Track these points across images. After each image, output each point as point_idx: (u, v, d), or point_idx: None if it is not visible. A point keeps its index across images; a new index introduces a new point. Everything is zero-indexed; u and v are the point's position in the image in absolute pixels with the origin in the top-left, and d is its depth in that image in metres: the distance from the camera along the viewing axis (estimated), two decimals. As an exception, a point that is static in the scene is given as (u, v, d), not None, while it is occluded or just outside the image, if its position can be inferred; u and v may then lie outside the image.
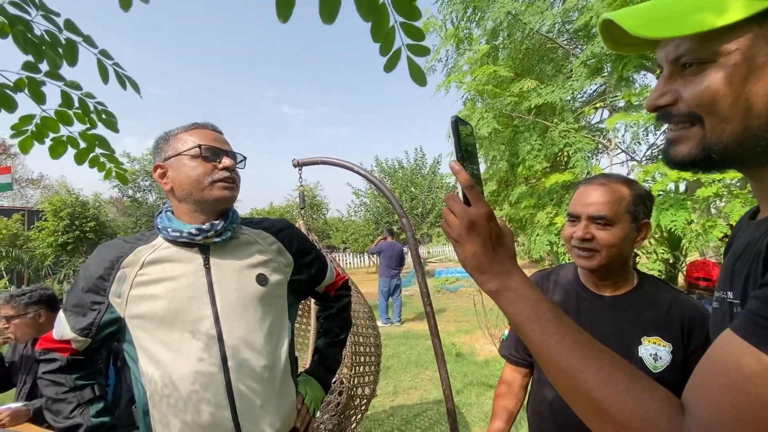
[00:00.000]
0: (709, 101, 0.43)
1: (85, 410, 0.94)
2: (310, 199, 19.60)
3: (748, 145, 0.42)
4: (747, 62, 0.40)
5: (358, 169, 2.25)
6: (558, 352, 0.43)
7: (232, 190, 0.99)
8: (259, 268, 1.02)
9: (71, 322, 0.95)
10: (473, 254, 0.50)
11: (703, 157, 0.45)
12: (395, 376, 4.23)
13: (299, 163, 2.36)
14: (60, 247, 12.99)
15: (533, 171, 2.73)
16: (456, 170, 0.50)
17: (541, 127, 2.69)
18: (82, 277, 0.96)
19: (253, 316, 0.97)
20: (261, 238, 1.07)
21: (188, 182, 0.95)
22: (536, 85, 2.54)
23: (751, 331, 0.33)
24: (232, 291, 0.97)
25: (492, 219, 0.50)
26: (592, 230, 0.95)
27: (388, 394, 3.80)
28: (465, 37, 3.55)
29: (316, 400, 1.13)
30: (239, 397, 0.92)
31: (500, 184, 3.32)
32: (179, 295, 0.93)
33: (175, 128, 1.02)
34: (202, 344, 0.92)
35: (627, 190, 0.96)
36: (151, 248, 0.97)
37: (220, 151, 0.98)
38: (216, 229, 0.97)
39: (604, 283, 1.02)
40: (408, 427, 3.13)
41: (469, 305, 5.40)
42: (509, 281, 0.49)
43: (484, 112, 2.57)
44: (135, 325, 0.93)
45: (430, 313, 1.88)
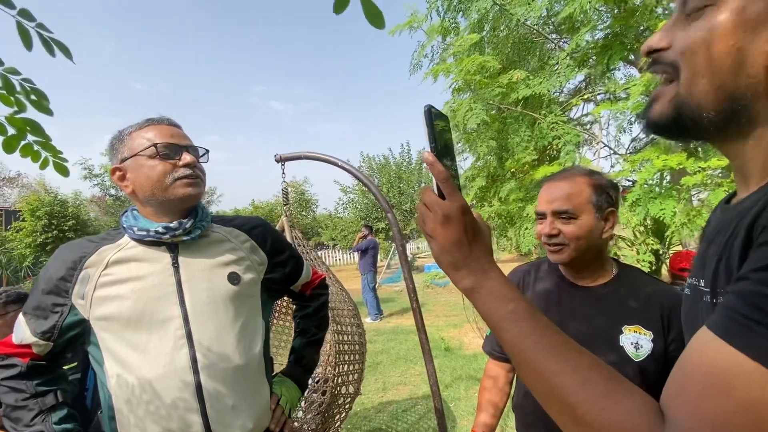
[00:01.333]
0: (693, 49, 0.39)
1: (47, 417, 0.90)
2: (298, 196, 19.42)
3: (722, 108, 0.38)
4: (742, 9, 0.36)
5: (342, 164, 2.19)
6: (534, 353, 0.41)
7: (196, 187, 0.95)
8: (231, 267, 0.99)
9: (31, 326, 0.90)
10: (448, 250, 0.47)
11: (674, 117, 0.41)
12: (384, 372, 4.21)
13: (282, 158, 2.28)
14: (39, 248, 12.63)
15: (522, 164, 2.71)
16: (430, 162, 0.47)
17: (529, 119, 2.66)
18: (42, 279, 0.92)
19: (224, 315, 0.95)
20: (233, 236, 1.04)
21: (149, 183, 0.92)
22: (526, 76, 2.51)
23: (730, 329, 0.30)
24: (202, 290, 0.94)
25: (467, 213, 0.47)
26: (557, 225, 0.97)
27: (377, 390, 3.78)
28: (452, 29, 3.51)
29: (292, 400, 1.11)
30: (209, 398, 0.89)
31: (489, 180, 3.30)
32: (146, 295, 0.90)
33: (129, 126, 0.96)
34: (170, 345, 0.89)
35: (588, 182, 0.97)
36: (117, 248, 0.94)
37: (179, 147, 0.94)
38: (184, 228, 0.94)
39: (582, 275, 1.03)
40: (396, 422, 3.12)
41: (458, 300, 5.42)
42: (485, 278, 0.46)
43: (472, 103, 2.53)
44: (100, 326, 0.90)
45: (417, 309, 1.85)
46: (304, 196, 20.30)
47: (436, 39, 3.52)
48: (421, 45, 3.69)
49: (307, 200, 20.42)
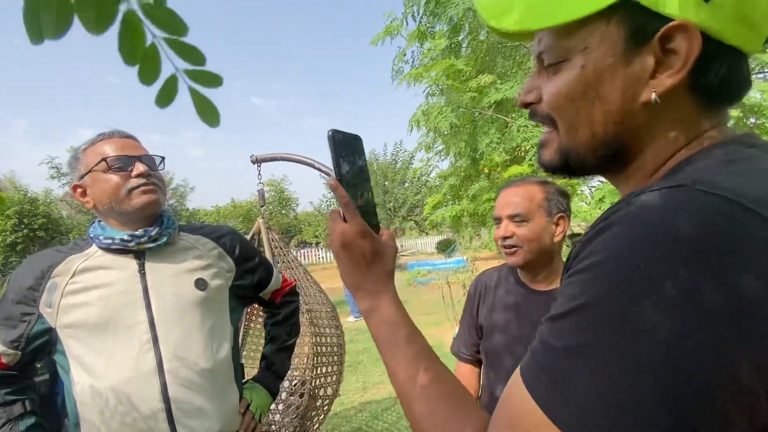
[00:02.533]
0: (560, 105, 0.40)
1: (14, 426, 0.91)
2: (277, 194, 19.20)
3: (600, 154, 0.40)
4: (595, 62, 0.37)
5: (319, 166, 2.20)
6: (399, 378, 0.45)
7: (152, 194, 0.97)
8: (197, 273, 1.01)
9: (1, 335, 0.92)
10: (348, 272, 0.50)
11: (563, 164, 0.43)
12: (365, 372, 4.25)
13: (257, 159, 2.28)
14: (8, 248, 12.14)
15: (494, 164, 2.78)
16: (333, 187, 0.49)
17: (500, 122, 2.73)
18: (11, 288, 0.94)
19: (191, 320, 0.97)
20: (200, 244, 1.07)
21: (106, 196, 0.94)
22: (494, 80, 2.58)
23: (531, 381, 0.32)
24: (168, 296, 0.96)
25: (366, 237, 0.49)
26: (511, 228, 1.04)
27: (358, 389, 3.81)
28: (428, 34, 3.55)
29: (262, 406, 1.13)
30: (175, 401, 0.91)
31: (463, 180, 3.37)
32: (113, 302, 0.92)
33: (83, 143, 1.00)
34: (136, 350, 0.91)
35: (539, 189, 1.05)
36: (84, 257, 0.96)
37: (131, 158, 0.96)
38: (150, 235, 0.96)
39: (537, 279, 1.09)
40: (376, 422, 3.16)
41: (439, 298, 5.49)
42: (378, 302, 0.49)
43: (443, 107, 2.58)
44: (66, 334, 0.91)
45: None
46: (283, 195, 20.08)
47: (415, 44, 3.56)
48: (401, 51, 3.72)
49: (286, 198, 20.20)
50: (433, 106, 2.80)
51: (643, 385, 0.26)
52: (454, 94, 2.78)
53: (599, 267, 0.30)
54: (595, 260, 0.30)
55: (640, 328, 0.26)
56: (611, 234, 0.31)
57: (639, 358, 0.26)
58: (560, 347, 0.30)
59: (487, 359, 1.15)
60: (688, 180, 0.31)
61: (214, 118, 0.45)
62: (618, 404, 0.26)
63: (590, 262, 0.31)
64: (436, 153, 3.52)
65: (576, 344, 0.29)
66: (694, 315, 0.26)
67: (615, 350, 0.27)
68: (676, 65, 0.35)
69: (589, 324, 0.29)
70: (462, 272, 5.55)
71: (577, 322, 0.29)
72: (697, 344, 0.25)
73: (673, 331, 0.26)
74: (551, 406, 0.29)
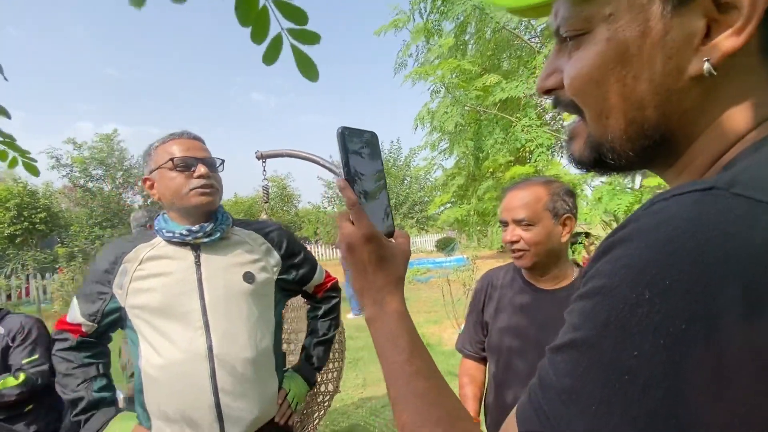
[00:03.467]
0: (583, 89, 0.33)
1: (89, 385, 1.05)
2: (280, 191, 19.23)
3: (639, 145, 0.33)
4: (623, 31, 0.30)
5: (324, 163, 2.20)
6: (394, 390, 0.42)
7: (210, 195, 1.06)
8: (246, 267, 1.10)
9: (81, 308, 1.06)
10: (354, 276, 0.47)
11: (595, 158, 0.36)
12: (365, 368, 4.26)
13: (262, 155, 2.28)
14: (7, 240, 12.12)
15: (498, 164, 2.79)
16: (341, 187, 0.46)
17: (505, 122, 2.74)
18: (91, 270, 1.10)
19: (238, 310, 1.06)
20: (251, 239, 1.16)
21: (169, 193, 1.05)
22: (499, 80, 2.58)
23: (520, 406, 0.30)
24: (219, 287, 1.05)
25: (371, 241, 0.45)
26: (518, 232, 1.03)
27: (357, 386, 3.82)
28: (435, 30, 3.54)
29: (299, 396, 1.21)
30: (222, 383, 1.00)
31: (468, 179, 3.37)
32: (172, 289, 1.02)
33: (155, 141, 1.10)
34: (190, 334, 1.00)
35: (544, 191, 1.03)
36: (150, 246, 1.07)
37: (194, 160, 1.05)
38: (205, 231, 1.06)
39: (543, 278, 1.09)
40: (375, 418, 3.17)
41: (439, 296, 5.50)
42: (380, 311, 0.45)
43: (449, 106, 2.58)
44: (134, 314, 1.03)
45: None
46: (285, 191, 20.09)
47: (421, 40, 3.56)
48: (406, 44, 3.71)
49: (289, 195, 20.22)
50: (438, 105, 2.79)
51: None
52: (459, 93, 2.78)
53: (598, 295, 0.26)
54: (596, 285, 0.26)
55: (641, 379, 0.22)
56: (618, 253, 0.26)
57: (642, 416, 0.22)
58: (556, 388, 0.27)
59: (492, 357, 1.16)
60: (722, 180, 0.24)
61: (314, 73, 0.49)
62: None
63: (591, 287, 0.27)
64: (441, 152, 3.52)
65: (571, 388, 0.25)
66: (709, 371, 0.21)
67: (608, 407, 0.23)
68: (736, 22, 0.27)
69: (584, 366, 0.25)
70: (462, 271, 5.56)
71: (574, 360, 0.26)
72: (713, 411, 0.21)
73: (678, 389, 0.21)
74: None
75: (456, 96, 2.75)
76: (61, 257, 11.97)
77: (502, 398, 1.09)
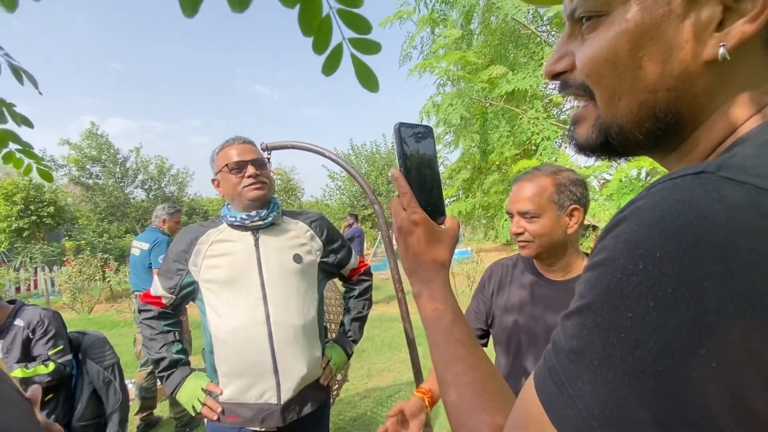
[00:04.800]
0: (598, 70, 0.34)
1: (169, 348, 1.28)
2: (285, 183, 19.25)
3: (647, 128, 0.34)
4: (642, 14, 0.31)
5: (329, 155, 2.19)
6: (437, 362, 0.47)
7: (260, 190, 1.27)
8: (295, 249, 1.31)
9: (162, 283, 1.28)
10: (403, 257, 0.52)
11: (602, 142, 0.37)
12: (369, 359, 4.30)
13: (267, 147, 2.28)
14: (15, 233, 12.24)
15: (504, 158, 2.77)
16: (395, 177, 0.51)
17: (511, 114, 2.72)
18: (170, 251, 1.31)
19: (290, 285, 1.27)
20: (298, 227, 1.37)
21: (229, 192, 1.28)
22: (505, 72, 2.55)
23: (537, 373, 0.32)
24: (275, 265, 1.26)
25: (420, 225, 0.50)
26: (523, 224, 1.04)
27: (362, 377, 3.86)
28: (440, 20, 3.50)
29: (339, 363, 1.43)
30: (277, 345, 1.21)
31: (474, 172, 3.36)
32: (236, 266, 1.24)
33: (216, 148, 1.33)
34: (251, 303, 1.22)
35: (550, 182, 1.02)
36: (218, 231, 1.29)
37: (245, 163, 1.26)
38: (260, 215, 1.27)
39: (553, 269, 1.09)
40: (381, 408, 3.21)
41: (442, 288, 5.53)
42: (426, 288, 0.51)
43: (454, 98, 2.56)
44: (205, 287, 1.24)
45: (402, 299, 1.89)
46: (290, 184, 20.11)
47: (426, 30, 3.52)
48: (410, 36, 3.67)
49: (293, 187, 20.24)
50: (443, 98, 2.77)
51: (632, 405, 0.25)
52: (465, 85, 2.75)
53: (601, 267, 0.28)
54: (600, 258, 0.29)
55: (635, 335, 0.25)
56: (619, 230, 0.28)
57: (636, 367, 0.25)
58: (565, 350, 0.29)
59: (500, 348, 1.16)
60: (713, 165, 0.27)
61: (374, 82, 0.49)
62: (615, 413, 0.25)
63: (597, 259, 0.29)
64: (446, 145, 3.50)
65: (577, 348, 0.28)
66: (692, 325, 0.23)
67: (608, 362, 0.26)
68: (751, 10, 0.29)
69: (588, 328, 0.28)
70: (466, 263, 5.56)
71: (580, 324, 0.29)
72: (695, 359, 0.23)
73: (666, 342, 0.24)
74: (555, 409, 0.29)
75: (461, 88, 2.72)
76: (69, 250, 12.08)
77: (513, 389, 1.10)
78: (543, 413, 0.29)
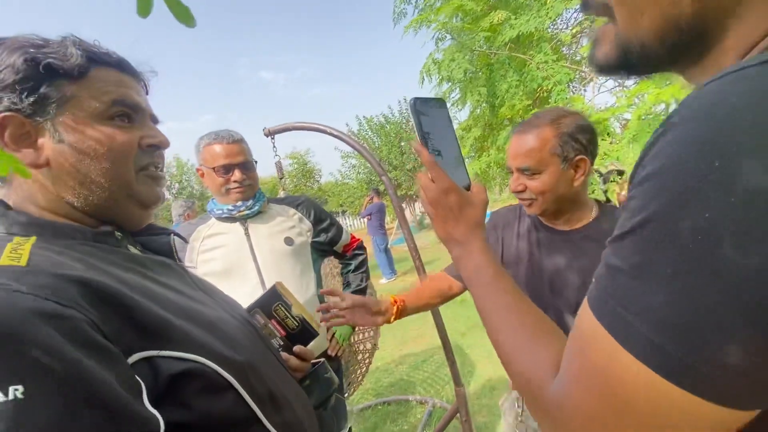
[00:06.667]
0: None
1: None
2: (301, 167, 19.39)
3: (670, 42, 0.33)
4: None
5: (331, 131, 2.15)
6: (486, 313, 0.48)
7: (244, 193, 1.31)
8: (285, 232, 1.36)
9: None
10: (438, 225, 0.55)
11: (621, 59, 0.37)
12: (402, 327, 4.39)
13: (270, 131, 2.27)
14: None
15: (516, 110, 2.63)
16: (418, 151, 0.53)
17: (518, 62, 2.55)
18: None
19: (284, 267, 1.31)
20: (284, 211, 1.42)
21: (213, 188, 1.32)
22: (508, 16, 2.37)
23: (592, 298, 0.31)
24: (267, 250, 1.31)
25: (451, 193, 0.53)
26: (523, 181, 0.97)
27: (396, 344, 3.97)
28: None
29: (344, 334, 1.48)
30: None
31: (485, 129, 3.22)
32: (230, 256, 1.29)
33: (204, 136, 1.32)
34: (250, 289, 1.25)
35: (551, 132, 0.91)
36: (208, 226, 1.34)
37: (231, 167, 1.28)
38: (246, 205, 1.31)
39: (558, 221, 1.03)
40: (416, 373, 3.31)
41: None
42: (465, 250, 0.53)
43: (456, 52, 2.41)
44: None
45: (420, 267, 1.90)
46: (306, 167, 20.20)
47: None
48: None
49: (309, 170, 20.35)
50: (444, 53, 2.62)
51: (711, 305, 0.24)
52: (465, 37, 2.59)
53: (660, 176, 0.26)
54: (654, 168, 0.27)
55: (706, 243, 0.24)
56: (673, 136, 0.26)
57: (708, 277, 0.24)
58: (624, 268, 0.28)
59: None
60: None
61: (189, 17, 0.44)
62: (694, 318, 0.24)
63: (650, 170, 0.27)
64: (453, 103, 3.35)
65: (639, 264, 0.27)
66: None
67: (685, 268, 0.24)
68: None
69: (652, 241, 0.26)
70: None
71: (640, 239, 0.27)
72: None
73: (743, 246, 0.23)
74: (619, 330, 0.28)
75: (462, 40, 2.56)
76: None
77: None
78: (607, 337, 0.28)
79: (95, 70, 0.51)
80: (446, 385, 2.97)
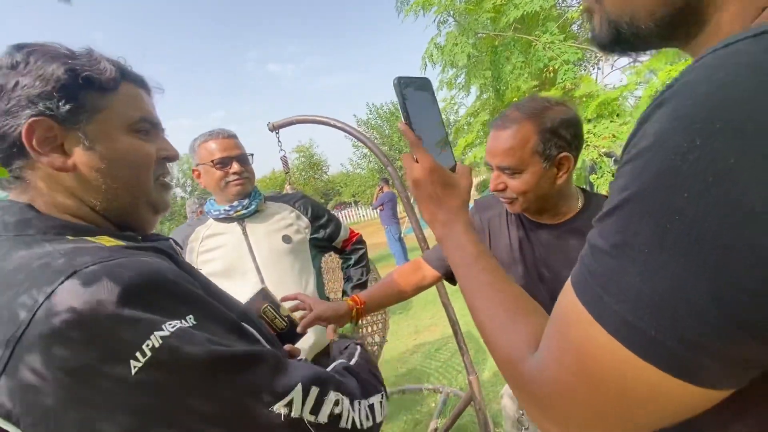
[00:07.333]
0: None
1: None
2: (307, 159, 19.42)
3: (659, 15, 0.32)
4: None
5: (335, 123, 2.14)
6: (468, 292, 0.49)
7: (243, 185, 1.32)
8: (283, 231, 1.35)
9: None
10: (423, 206, 0.55)
11: (614, 35, 0.36)
12: (416, 317, 4.42)
13: (274, 126, 2.27)
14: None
15: (521, 93, 2.55)
16: (403, 131, 0.53)
17: (523, 43, 2.46)
18: None
19: (283, 265, 1.32)
20: (282, 209, 1.41)
21: (211, 184, 1.32)
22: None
23: (575, 275, 0.32)
24: (266, 249, 1.31)
25: (435, 172, 0.52)
26: (503, 180, 0.91)
27: (410, 333, 4.00)
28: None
29: (345, 328, 1.50)
30: None
31: (492, 114, 3.15)
32: (230, 256, 1.29)
33: (199, 135, 1.33)
34: (250, 288, 1.24)
35: (533, 128, 0.85)
36: (206, 227, 1.34)
37: (230, 159, 1.29)
38: (243, 205, 1.31)
39: (542, 216, 0.99)
40: (430, 361, 3.32)
41: (480, 239, 5.46)
42: (448, 230, 0.53)
43: (459, 36, 2.34)
44: None
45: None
46: (312, 159, 20.21)
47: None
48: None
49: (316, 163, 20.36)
50: (447, 37, 2.55)
51: (684, 285, 0.24)
52: (468, 19, 2.51)
53: (644, 154, 0.26)
54: (641, 147, 0.26)
55: (690, 214, 0.23)
56: (663, 112, 0.26)
57: (682, 257, 0.23)
58: (605, 248, 0.28)
59: None
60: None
61: None
62: (668, 297, 0.24)
63: (637, 150, 0.27)
64: (460, 88, 3.27)
65: (620, 243, 0.27)
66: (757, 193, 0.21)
67: (660, 247, 0.24)
68: None
69: (633, 219, 0.26)
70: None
71: (622, 218, 0.27)
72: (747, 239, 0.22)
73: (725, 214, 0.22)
74: (599, 309, 0.28)
75: (464, 23, 2.49)
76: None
77: None
78: (585, 315, 0.29)
79: (124, 84, 0.55)
80: (459, 374, 2.97)
